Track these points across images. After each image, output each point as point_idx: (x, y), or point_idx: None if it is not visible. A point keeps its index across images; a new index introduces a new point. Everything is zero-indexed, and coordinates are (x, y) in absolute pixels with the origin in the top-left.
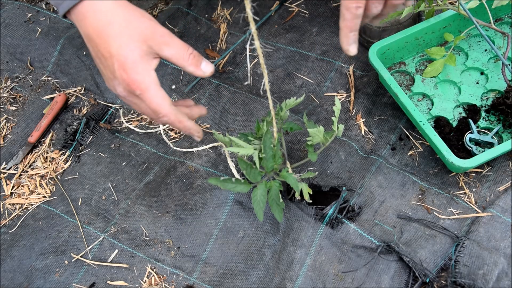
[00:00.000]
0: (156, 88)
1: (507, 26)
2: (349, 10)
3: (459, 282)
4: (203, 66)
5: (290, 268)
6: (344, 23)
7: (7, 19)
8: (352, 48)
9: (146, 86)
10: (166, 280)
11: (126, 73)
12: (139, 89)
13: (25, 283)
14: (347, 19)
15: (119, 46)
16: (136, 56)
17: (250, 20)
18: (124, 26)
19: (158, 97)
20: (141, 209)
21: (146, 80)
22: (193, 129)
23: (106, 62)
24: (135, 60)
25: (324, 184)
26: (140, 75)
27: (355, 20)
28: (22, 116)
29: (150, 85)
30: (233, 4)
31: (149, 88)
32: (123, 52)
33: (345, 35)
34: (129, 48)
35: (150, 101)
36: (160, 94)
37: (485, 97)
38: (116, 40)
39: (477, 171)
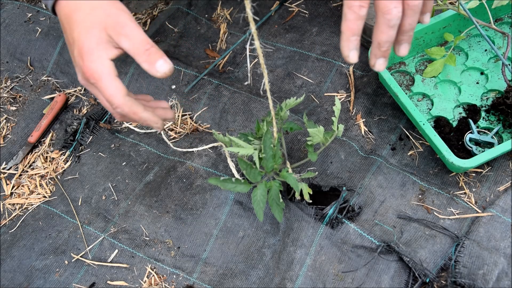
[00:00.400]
0: (109, 78)
1: (507, 26)
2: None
3: (459, 282)
4: (158, 64)
5: (290, 268)
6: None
7: (7, 19)
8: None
9: (99, 75)
10: (166, 280)
11: (82, 60)
12: (93, 78)
13: (25, 283)
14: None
15: (79, 32)
16: (92, 43)
17: (250, 20)
18: (87, 13)
19: (111, 87)
20: (141, 209)
21: (99, 69)
22: (149, 120)
23: (70, 48)
24: (91, 47)
25: (324, 184)
26: (94, 63)
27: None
28: (22, 116)
29: (103, 74)
30: (233, 4)
31: (102, 78)
32: (81, 38)
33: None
34: (88, 35)
35: (104, 91)
36: (114, 84)
37: (485, 97)
38: (78, 26)
39: (477, 171)
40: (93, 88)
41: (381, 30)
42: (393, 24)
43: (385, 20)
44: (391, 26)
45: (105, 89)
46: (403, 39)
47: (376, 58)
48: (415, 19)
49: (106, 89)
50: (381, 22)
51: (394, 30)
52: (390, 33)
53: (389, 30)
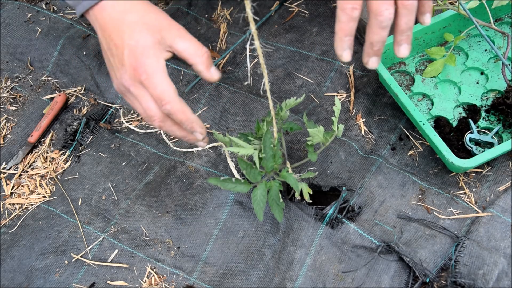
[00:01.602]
0: (163, 75)
1: (507, 26)
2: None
3: (459, 282)
4: (212, 69)
5: (290, 268)
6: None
7: (7, 19)
8: (346, 54)
9: (154, 70)
10: (166, 280)
11: (136, 58)
12: (146, 73)
13: (25, 283)
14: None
15: (133, 31)
16: (148, 42)
17: (250, 20)
18: (141, 15)
19: (164, 83)
20: (141, 209)
21: (154, 65)
22: (195, 123)
23: (117, 51)
24: (146, 45)
25: (324, 184)
26: (149, 59)
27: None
28: (22, 116)
29: (157, 70)
30: (233, 4)
31: (156, 73)
32: (136, 37)
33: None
34: (142, 34)
35: (155, 87)
36: (167, 81)
37: (485, 97)
38: (131, 26)
39: (477, 171)
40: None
41: (373, 31)
42: (384, 25)
43: (377, 21)
44: (382, 27)
45: (158, 84)
46: (401, 39)
47: (369, 57)
48: (412, 18)
49: (159, 84)
50: (373, 23)
51: (385, 30)
52: (382, 33)
53: (380, 31)
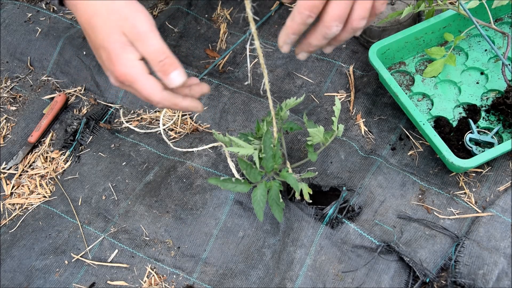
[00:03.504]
0: (143, 78)
1: (507, 26)
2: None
3: (459, 282)
4: (172, 75)
5: (290, 268)
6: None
7: (7, 19)
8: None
9: (133, 77)
10: (166, 280)
11: (113, 65)
12: (128, 81)
13: (25, 283)
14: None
15: (103, 38)
16: (118, 48)
17: (250, 20)
18: (105, 17)
19: (147, 87)
20: (141, 209)
21: (131, 71)
22: (190, 107)
23: (97, 53)
24: (117, 53)
25: (324, 184)
26: (125, 67)
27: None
28: (22, 116)
29: (136, 76)
30: (233, 4)
31: (136, 79)
32: (107, 44)
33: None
34: (111, 40)
35: (141, 92)
36: (148, 82)
37: (485, 97)
38: (100, 31)
39: (477, 171)
40: (130, 88)
41: (316, 37)
42: (328, 37)
43: (323, 32)
44: (325, 38)
45: (142, 89)
46: (333, 43)
47: (302, 51)
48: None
49: (143, 89)
50: (319, 31)
51: (327, 40)
52: (323, 42)
53: (322, 39)
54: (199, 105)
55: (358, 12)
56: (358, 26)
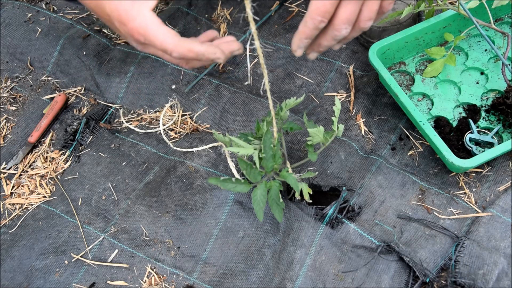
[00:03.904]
0: (155, 27)
1: (507, 26)
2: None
3: (459, 282)
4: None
5: (290, 268)
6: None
7: (7, 19)
8: (299, 51)
9: (144, 29)
10: (166, 280)
11: (126, 26)
12: (141, 35)
13: (25, 283)
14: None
15: (109, 4)
16: (126, 4)
17: (250, 20)
18: None
19: (159, 35)
20: (141, 209)
21: (142, 23)
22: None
23: (112, 26)
24: (126, 9)
25: (324, 184)
26: (136, 21)
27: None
28: (22, 116)
29: (147, 26)
30: (233, 4)
31: (148, 30)
32: (113, 7)
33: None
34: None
35: (155, 41)
36: (161, 30)
37: (485, 97)
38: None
39: (477, 171)
40: (147, 47)
41: (327, 38)
42: (338, 39)
43: (333, 34)
44: (335, 40)
45: (155, 38)
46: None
47: (312, 51)
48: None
49: (156, 38)
50: (329, 33)
51: (336, 42)
52: (332, 43)
53: (332, 41)
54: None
55: (365, 14)
56: (365, 26)
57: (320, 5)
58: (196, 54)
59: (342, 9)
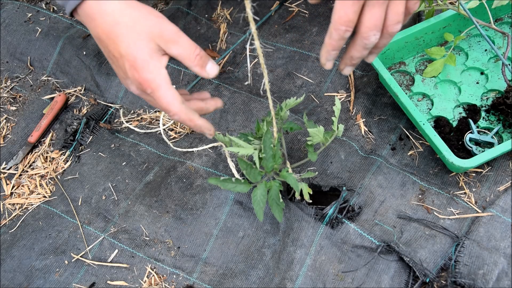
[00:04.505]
0: (166, 87)
1: (507, 26)
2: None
3: (459, 282)
4: (208, 67)
5: (290, 268)
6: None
7: (7, 19)
8: (329, 63)
9: (157, 85)
10: (166, 280)
11: (138, 73)
12: (150, 88)
13: (25, 283)
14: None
15: (128, 46)
16: (145, 55)
17: (250, 20)
18: (131, 26)
19: (168, 96)
20: (141, 209)
21: (156, 79)
22: (203, 127)
23: (118, 63)
24: (144, 59)
25: (324, 184)
26: (151, 74)
27: (340, 41)
28: (22, 116)
29: (160, 84)
30: (233, 4)
31: (159, 87)
32: (131, 51)
33: (327, 51)
34: (138, 47)
35: (161, 100)
36: (169, 93)
37: (485, 97)
38: (124, 40)
39: (477, 171)
40: (149, 96)
41: (357, 49)
42: (368, 47)
43: (362, 43)
44: (366, 48)
45: (162, 98)
46: (374, 51)
47: (346, 66)
48: (389, 41)
49: (163, 98)
50: (358, 43)
51: (367, 50)
52: (364, 52)
53: (363, 50)
54: (211, 129)
55: (392, 17)
56: (394, 30)
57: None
58: (195, 125)
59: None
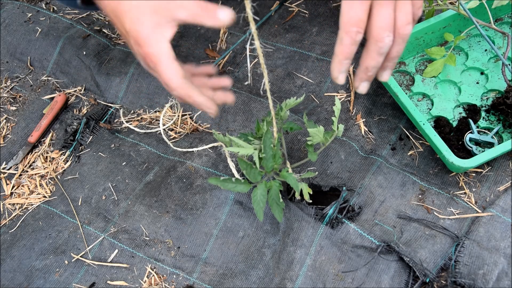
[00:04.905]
0: (168, 61)
1: (507, 26)
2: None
3: (459, 282)
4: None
5: (290, 268)
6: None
7: (7, 19)
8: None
9: (158, 59)
10: (166, 280)
11: (141, 47)
12: (152, 62)
13: (25, 283)
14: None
15: (131, 22)
16: (148, 29)
17: (250, 20)
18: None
19: (169, 70)
20: (141, 209)
21: (158, 52)
22: (203, 105)
23: (126, 39)
24: (147, 33)
25: (324, 184)
26: (153, 48)
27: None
28: (22, 116)
29: (162, 57)
30: (233, 4)
31: (161, 61)
32: (134, 27)
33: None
34: (140, 22)
35: (162, 74)
36: (171, 66)
37: (485, 97)
38: (127, 16)
39: (477, 171)
40: (154, 72)
41: (371, 56)
42: (383, 52)
43: (376, 47)
44: (381, 54)
45: (163, 72)
46: (388, 65)
47: (361, 81)
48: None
49: (164, 72)
50: (372, 49)
51: (382, 57)
52: (379, 59)
53: (378, 57)
54: (213, 107)
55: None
56: (406, 32)
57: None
58: (193, 102)
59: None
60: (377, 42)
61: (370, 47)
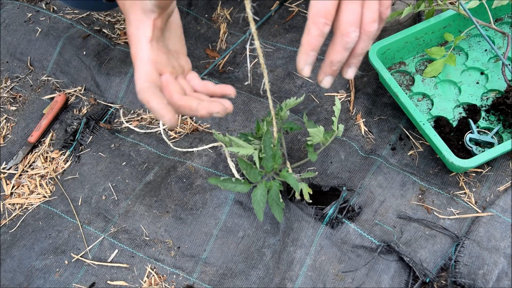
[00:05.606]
0: (141, 62)
1: (507, 26)
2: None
3: (459, 282)
4: None
5: (290, 268)
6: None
7: (7, 19)
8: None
9: (134, 59)
10: (166, 280)
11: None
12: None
13: (25, 283)
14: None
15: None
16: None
17: (250, 20)
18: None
19: (137, 72)
20: (141, 209)
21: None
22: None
23: None
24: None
25: (324, 184)
26: (133, 48)
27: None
28: (22, 116)
29: (137, 58)
30: (233, 4)
31: (135, 62)
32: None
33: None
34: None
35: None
36: (141, 69)
37: (485, 97)
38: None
39: (477, 171)
40: None
41: (337, 49)
42: (349, 47)
43: (342, 41)
44: (346, 48)
45: (135, 72)
46: (352, 62)
47: (325, 75)
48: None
49: (135, 73)
50: (338, 43)
51: (348, 52)
52: (344, 54)
53: (344, 51)
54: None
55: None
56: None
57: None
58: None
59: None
60: (343, 36)
61: (336, 41)
